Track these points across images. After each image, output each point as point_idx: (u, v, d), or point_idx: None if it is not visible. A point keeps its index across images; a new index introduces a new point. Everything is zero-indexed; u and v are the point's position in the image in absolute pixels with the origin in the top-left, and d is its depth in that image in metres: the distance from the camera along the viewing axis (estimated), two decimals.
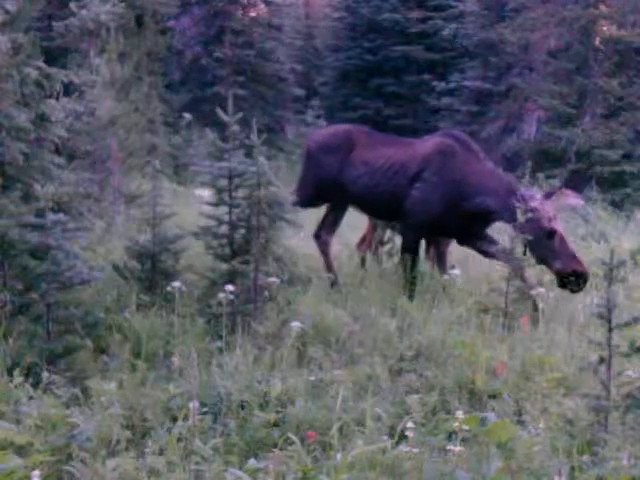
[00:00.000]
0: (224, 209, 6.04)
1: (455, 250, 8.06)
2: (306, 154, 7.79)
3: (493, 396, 4.75)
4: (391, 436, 3.98)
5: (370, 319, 5.87)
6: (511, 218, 6.51)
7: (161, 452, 3.84)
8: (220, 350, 5.16)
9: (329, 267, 7.46)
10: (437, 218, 6.94)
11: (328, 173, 7.40)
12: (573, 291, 6.56)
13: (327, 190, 7.48)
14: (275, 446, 4.00)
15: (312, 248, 7.77)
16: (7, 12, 5.48)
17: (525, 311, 6.18)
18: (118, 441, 3.95)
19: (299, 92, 25.85)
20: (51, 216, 4.95)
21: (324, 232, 7.66)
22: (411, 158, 7.11)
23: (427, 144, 7.21)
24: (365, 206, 7.46)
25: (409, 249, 7.08)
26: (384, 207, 7.29)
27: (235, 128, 6.04)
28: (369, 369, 4.94)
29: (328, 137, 7.70)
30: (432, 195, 6.90)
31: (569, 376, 4.91)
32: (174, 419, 4.16)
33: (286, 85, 25.32)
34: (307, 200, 7.43)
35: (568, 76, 19.69)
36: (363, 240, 8.14)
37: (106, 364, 4.97)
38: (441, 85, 24.83)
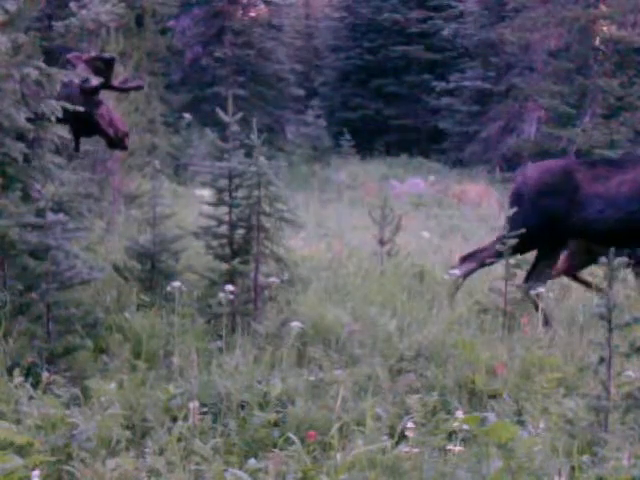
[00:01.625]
0: (224, 209, 6.03)
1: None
2: (517, 197, 6.96)
3: (493, 396, 4.74)
4: (391, 436, 3.98)
5: (370, 319, 5.87)
6: None
7: (161, 452, 3.83)
8: (220, 350, 5.15)
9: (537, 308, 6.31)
10: None
11: (552, 216, 6.70)
12: None
13: (547, 234, 6.76)
14: (275, 446, 3.99)
15: (312, 248, 7.76)
16: (7, 12, 5.47)
17: (525, 311, 6.18)
18: (118, 441, 3.94)
19: (299, 92, 25.88)
20: (51, 216, 4.94)
21: (532, 281, 6.79)
22: None
23: None
24: (611, 240, 6.17)
25: None
26: None
27: (235, 128, 6.03)
28: (369, 369, 4.93)
29: (544, 176, 6.93)
30: None
31: (569, 376, 4.90)
32: (174, 419, 4.15)
33: (286, 85, 25.36)
34: (518, 247, 6.60)
35: (568, 76, 19.72)
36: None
37: (106, 364, 4.96)
38: (441, 85, 24.84)
